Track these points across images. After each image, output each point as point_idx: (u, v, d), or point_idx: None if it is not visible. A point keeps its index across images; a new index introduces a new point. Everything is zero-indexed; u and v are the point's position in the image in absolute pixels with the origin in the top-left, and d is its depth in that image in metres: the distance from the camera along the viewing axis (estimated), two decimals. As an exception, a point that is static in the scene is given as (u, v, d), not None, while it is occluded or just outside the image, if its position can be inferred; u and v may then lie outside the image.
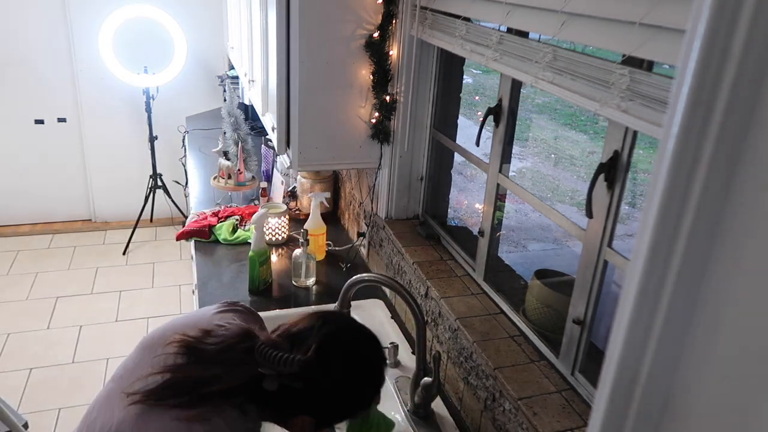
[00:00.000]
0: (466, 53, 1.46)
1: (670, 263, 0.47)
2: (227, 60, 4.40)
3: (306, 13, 1.71)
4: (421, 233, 1.88)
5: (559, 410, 1.16)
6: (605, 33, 0.97)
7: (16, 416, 2.39)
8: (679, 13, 0.80)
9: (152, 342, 1.00)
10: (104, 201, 4.56)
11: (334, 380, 0.94)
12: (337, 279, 2.06)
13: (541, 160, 6.20)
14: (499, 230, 1.66)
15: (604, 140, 1.10)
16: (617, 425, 0.53)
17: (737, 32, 0.41)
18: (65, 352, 3.13)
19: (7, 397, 2.45)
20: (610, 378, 0.52)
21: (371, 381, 1.00)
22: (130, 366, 0.99)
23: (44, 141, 4.29)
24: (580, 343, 1.22)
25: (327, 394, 0.95)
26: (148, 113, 4.06)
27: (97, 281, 3.81)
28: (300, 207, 2.55)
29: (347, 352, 0.97)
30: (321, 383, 0.93)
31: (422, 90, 1.85)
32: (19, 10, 3.92)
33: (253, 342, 0.94)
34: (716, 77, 0.42)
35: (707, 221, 0.45)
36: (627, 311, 0.50)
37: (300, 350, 0.93)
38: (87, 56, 4.12)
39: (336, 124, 1.87)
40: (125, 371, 0.98)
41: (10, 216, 4.41)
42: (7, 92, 4.09)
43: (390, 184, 1.96)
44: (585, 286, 1.19)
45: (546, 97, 7.01)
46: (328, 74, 1.80)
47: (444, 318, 1.51)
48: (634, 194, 4.48)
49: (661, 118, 0.86)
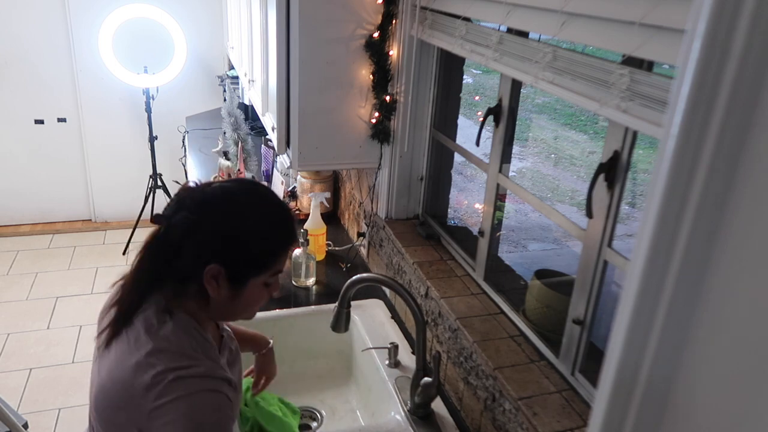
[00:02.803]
0: (466, 53, 1.46)
1: (670, 263, 0.47)
2: (227, 60, 4.40)
3: (306, 13, 1.71)
4: (421, 233, 1.88)
5: (559, 410, 1.16)
6: (605, 33, 0.97)
7: (16, 416, 2.39)
8: (679, 13, 0.80)
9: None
10: (104, 201, 4.57)
11: (223, 212, 0.98)
12: (337, 279, 2.06)
13: (541, 160, 6.20)
14: (499, 230, 1.66)
15: (604, 140, 1.10)
16: (617, 425, 0.53)
17: (737, 32, 0.41)
18: (65, 352, 3.13)
19: (7, 397, 2.45)
20: (610, 378, 0.52)
21: (260, 215, 1.02)
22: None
23: (44, 141, 4.29)
24: (580, 343, 1.22)
25: (221, 233, 0.97)
26: (148, 113, 4.06)
27: (97, 281, 3.81)
28: (300, 207, 2.55)
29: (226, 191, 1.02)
30: (211, 218, 0.97)
31: (422, 90, 1.85)
32: (20, 11, 3.93)
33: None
34: (716, 77, 0.42)
35: (707, 221, 0.45)
36: (627, 311, 0.50)
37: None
38: (87, 56, 4.12)
39: (336, 124, 1.87)
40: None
41: (10, 216, 4.41)
42: (7, 92, 4.09)
43: (390, 184, 1.96)
44: (585, 286, 1.19)
45: (546, 97, 7.01)
46: (328, 74, 1.80)
47: (444, 318, 1.51)
48: (634, 194, 4.48)
49: (661, 118, 0.86)
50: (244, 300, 1.03)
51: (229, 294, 1.00)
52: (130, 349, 0.94)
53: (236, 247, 0.98)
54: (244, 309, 1.06)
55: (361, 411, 1.71)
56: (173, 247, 0.97)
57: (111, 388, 0.94)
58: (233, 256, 0.98)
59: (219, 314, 1.06)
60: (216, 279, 0.98)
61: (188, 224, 0.96)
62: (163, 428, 0.88)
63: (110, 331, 0.98)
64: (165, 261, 0.98)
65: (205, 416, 0.91)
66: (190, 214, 0.96)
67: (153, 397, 0.89)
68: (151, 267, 0.99)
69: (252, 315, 1.10)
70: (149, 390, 0.90)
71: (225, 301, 1.01)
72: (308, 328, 1.83)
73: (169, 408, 0.89)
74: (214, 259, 0.97)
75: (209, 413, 0.91)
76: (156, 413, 0.89)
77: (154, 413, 0.89)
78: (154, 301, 1.00)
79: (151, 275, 1.00)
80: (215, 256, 0.97)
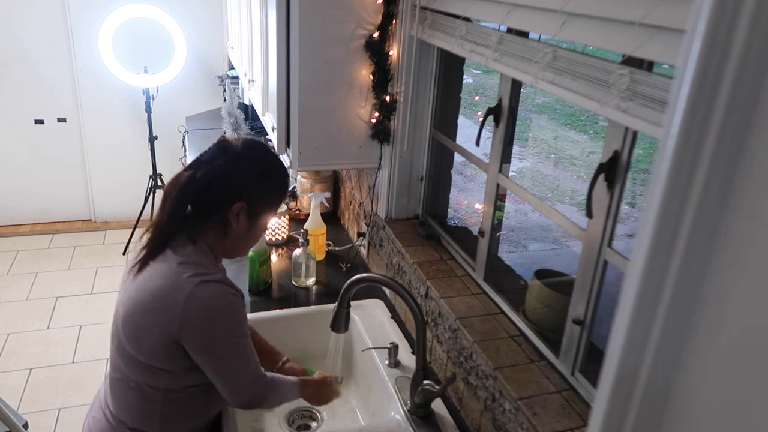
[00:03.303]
0: (466, 53, 1.46)
1: (670, 263, 0.47)
2: (227, 60, 4.40)
3: (306, 13, 1.70)
4: (421, 233, 1.88)
5: (559, 410, 1.16)
6: (605, 33, 0.97)
7: (16, 416, 2.39)
8: (679, 13, 0.80)
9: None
10: (104, 201, 4.57)
11: (254, 160, 1.23)
12: (337, 279, 2.06)
13: (541, 160, 6.21)
14: (499, 230, 1.66)
15: (604, 140, 1.10)
16: (617, 425, 0.53)
17: (737, 32, 0.41)
18: (65, 352, 3.13)
19: (7, 397, 2.45)
20: (610, 378, 0.52)
21: (276, 163, 1.27)
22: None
23: (44, 141, 4.29)
24: (580, 343, 1.22)
25: (245, 176, 1.20)
26: (148, 113, 4.05)
27: (97, 281, 3.81)
28: (300, 207, 2.55)
29: (239, 145, 1.24)
30: (248, 163, 1.21)
31: (422, 90, 1.85)
32: (20, 11, 3.93)
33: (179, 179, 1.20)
34: (716, 77, 0.42)
35: (707, 221, 0.45)
36: (627, 311, 0.50)
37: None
38: (87, 56, 4.12)
39: (336, 124, 1.87)
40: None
41: (10, 216, 4.41)
42: (7, 92, 4.09)
43: (390, 184, 1.96)
44: (585, 286, 1.19)
45: (546, 97, 7.01)
46: (328, 74, 1.80)
47: (444, 318, 1.51)
48: (634, 194, 4.48)
49: (661, 118, 0.86)
50: (253, 234, 1.26)
51: (246, 227, 1.23)
52: (161, 266, 1.16)
53: (260, 187, 1.23)
54: (250, 242, 1.28)
55: (361, 411, 1.71)
56: (206, 186, 1.18)
57: (144, 296, 1.14)
58: (257, 195, 1.22)
59: (231, 246, 1.26)
60: (239, 214, 1.20)
61: (227, 167, 1.19)
62: (191, 322, 1.11)
63: (146, 254, 1.18)
64: (194, 199, 1.19)
65: (224, 304, 1.14)
66: (231, 159, 1.19)
67: (183, 297, 1.10)
68: (182, 204, 1.18)
69: (249, 250, 1.44)
70: (180, 290, 1.11)
71: (241, 234, 1.23)
72: (308, 328, 1.83)
73: (198, 302, 1.11)
74: (242, 198, 1.19)
75: (227, 303, 1.14)
76: (186, 307, 1.10)
77: (185, 307, 1.10)
78: (179, 233, 1.20)
79: (182, 211, 1.19)
80: (243, 194, 1.19)
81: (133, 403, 1.23)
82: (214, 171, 1.18)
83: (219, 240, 1.23)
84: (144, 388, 1.21)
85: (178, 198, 1.17)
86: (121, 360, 1.22)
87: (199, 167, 1.19)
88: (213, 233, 1.22)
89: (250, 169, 1.21)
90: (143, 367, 1.18)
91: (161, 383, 1.20)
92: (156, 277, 1.15)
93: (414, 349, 1.63)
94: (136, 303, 1.16)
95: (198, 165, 1.20)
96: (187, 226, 1.20)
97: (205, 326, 1.12)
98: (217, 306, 1.13)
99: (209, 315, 1.12)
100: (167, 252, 1.18)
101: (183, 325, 1.11)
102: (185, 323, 1.11)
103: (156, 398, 1.21)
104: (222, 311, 1.14)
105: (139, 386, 1.21)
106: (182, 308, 1.10)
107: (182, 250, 1.18)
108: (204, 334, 1.13)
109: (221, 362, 1.18)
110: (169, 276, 1.14)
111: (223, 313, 1.14)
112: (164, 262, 1.16)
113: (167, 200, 1.18)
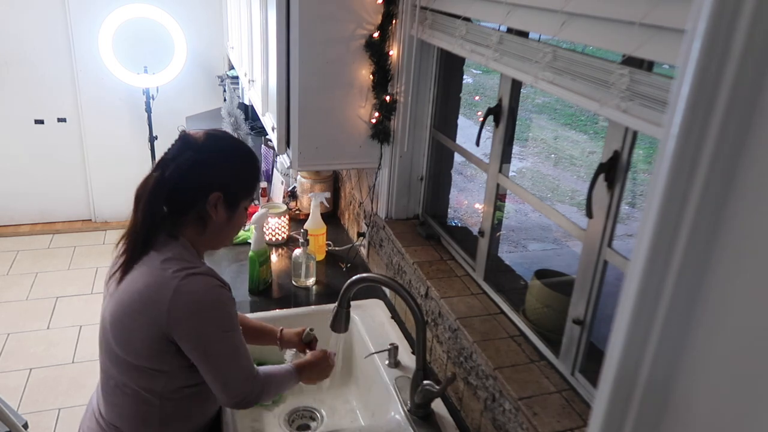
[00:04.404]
0: (466, 53, 1.46)
1: (670, 263, 0.47)
2: (227, 60, 4.40)
3: (306, 13, 1.70)
4: (421, 233, 1.88)
5: (559, 410, 1.16)
6: (605, 33, 0.97)
7: (16, 416, 2.39)
8: (679, 13, 0.80)
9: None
10: (104, 201, 4.56)
11: (222, 150, 1.23)
12: (337, 279, 2.06)
13: (541, 160, 6.21)
14: (499, 230, 1.66)
15: (604, 140, 1.10)
16: (617, 425, 0.53)
17: (737, 32, 0.41)
18: (65, 352, 3.13)
19: (7, 397, 2.45)
20: (610, 378, 0.52)
21: (245, 151, 1.27)
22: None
23: (44, 141, 4.29)
24: (580, 343, 1.22)
25: (215, 165, 1.20)
26: (148, 113, 4.05)
27: (97, 281, 3.81)
28: (300, 207, 2.55)
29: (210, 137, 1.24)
30: (216, 154, 1.21)
31: (422, 90, 1.85)
32: (20, 11, 3.92)
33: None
34: (716, 77, 0.42)
35: (707, 221, 0.45)
36: (627, 311, 0.50)
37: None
38: (87, 56, 4.12)
39: (336, 124, 1.87)
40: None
41: (10, 216, 4.41)
42: (7, 92, 4.09)
43: (390, 184, 1.96)
44: (585, 286, 1.19)
45: (546, 97, 7.01)
46: (328, 74, 1.80)
47: (444, 318, 1.51)
48: (634, 194, 4.48)
49: (661, 118, 0.86)
50: (234, 222, 1.25)
51: (226, 216, 1.22)
52: (145, 268, 1.15)
53: (233, 173, 1.22)
54: (233, 230, 1.28)
55: (361, 411, 1.71)
56: (177, 184, 1.17)
57: (131, 298, 1.14)
58: (231, 183, 1.21)
59: (213, 238, 1.25)
60: (216, 205, 1.19)
61: (196, 160, 1.17)
62: (179, 316, 1.10)
63: (126, 260, 1.17)
64: (168, 198, 1.18)
65: (211, 296, 1.14)
66: (197, 152, 1.18)
67: (170, 292, 1.11)
68: (155, 206, 1.17)
69: (232, 239, 1.41)
70: (167, 286, 1.11)
71: (222, 224, 1.23)
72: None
73: (185, 295, 1.11)
74: (216, 188, 1.18)
75: (214, 294, 1.15)
76: (174, 301, 1.10)
77: (172, 302, 1.10)
78: (158, 234, 1.19)
79: (156, 213, 1.18)
80: (216, 184, 1.19)
81: (129, 409, 1.22)
82: (182, 167, 1.16)
83: (200, 233, 1.22)
84: (140, 393, 1.20)
85: (150, 201, 1.17)
86: (113, 366, 1.21)
87: (167, 166, 1.17)
88: (193, 228, 1.21)
89: (219, 158, 1.21)
90: (136, 370, 1.18)
91: (157, 385, 1.19)
92: (141, 279, 1.14)
93: (414, 349, 1.63)
94: (124, 306, 1.15)
95: (165, 164, 1.18)
96: (165, 225, 1.19)
97: (193, 318, 1.12)
98: (205, 298, 1.13)
99: (197, 308, 1.13)
100: (150, 253, 1.17)
101: (171, 319, 1.11)
102: (174, 317, 1.11)
103: (153, 402, 1.21)
104: (209, 303, 1.14)
105: (135, 391, 1.20)
106: (170, 303, 1.10)
107: (164, 248, 1.17)
108: (192, 326, 1.13)
109: (211, 357, 1.17)
110: (154, 274, 1.13)
111: (210, 305, 1.14)
112: (147, 264, 1.16)
113: (139, 205, 1.17)
